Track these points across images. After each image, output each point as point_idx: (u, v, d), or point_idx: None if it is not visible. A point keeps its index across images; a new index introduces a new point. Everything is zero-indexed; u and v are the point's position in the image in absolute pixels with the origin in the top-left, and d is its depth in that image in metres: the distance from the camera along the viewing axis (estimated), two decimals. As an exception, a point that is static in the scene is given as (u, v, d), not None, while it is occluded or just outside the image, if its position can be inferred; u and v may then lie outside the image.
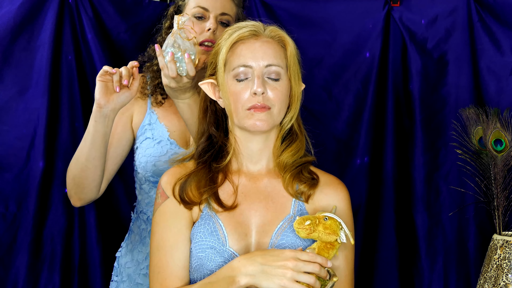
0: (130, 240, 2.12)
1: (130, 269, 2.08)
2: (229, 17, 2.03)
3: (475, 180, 1.96)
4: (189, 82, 1.81)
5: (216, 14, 2.00)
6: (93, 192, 1.94)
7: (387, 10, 2.23)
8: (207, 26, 1.99)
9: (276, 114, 1.59)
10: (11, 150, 2.20)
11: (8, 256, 2.20)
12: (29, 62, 2.21)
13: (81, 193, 1.94)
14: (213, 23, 1.99)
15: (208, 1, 2.01)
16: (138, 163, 2.04)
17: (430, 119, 2.21)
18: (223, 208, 1.58)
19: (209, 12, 2.00)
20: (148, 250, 2.04)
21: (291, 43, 1.62)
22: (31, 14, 2.21)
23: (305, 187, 1.62)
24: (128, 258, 2.10)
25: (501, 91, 2.15)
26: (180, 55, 1.77)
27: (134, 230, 2.11)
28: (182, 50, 1.77)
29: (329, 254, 1.50)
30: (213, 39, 1.99)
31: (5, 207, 2.20)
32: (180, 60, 1.77)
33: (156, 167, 2.00)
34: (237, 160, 1.65)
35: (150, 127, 2.05)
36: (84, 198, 1.95)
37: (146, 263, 2.04)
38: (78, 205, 1.98)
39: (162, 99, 2.07)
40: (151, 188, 2.05)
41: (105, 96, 1.81)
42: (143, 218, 2.08)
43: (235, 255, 1.54)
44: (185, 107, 1.88)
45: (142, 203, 2.08)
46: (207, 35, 1.99)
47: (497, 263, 1.76)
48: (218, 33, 2.00)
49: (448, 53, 2.20)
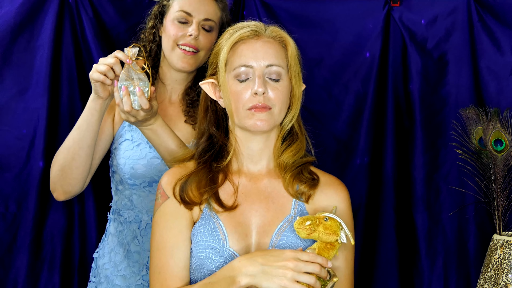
0: (107, 241, 2.11)
1: (108, 270, 2.07)
2: (213, 22, 2.03)
3: (475, 180, 1.96)
4: (147, 114, 1.78)
5: (199, 19, 2.00)
6: (80, 184, 1.94)
7: (387, 10, 2.23)
8: (189, 32, 1.98)
9: (277, 114, 1.59)
10: (11, 150, 2.20)
11: (8, 256, 2.20)
12: (29, 62, 2.22)
13: (68, 185, 1.93)
14: (195, 29, 1.98)
15: (192, 5, 2.00)
16: (115, 164, 2.03)
17: (430, 119, 2.21)
18: (223, 208, 1.58)
19: (192, 17, 1.99)
20: (125, 252, 2.04)
21: (292, 43, 1.63)
22: (31, 14, 2.21)
23: (305, 187, 1.62)
24: (105, 259, 2.08)
25: (501, 91, 2.15)
26: (133, 88, 1.75)
27: (111, 231, 2.10)
28: (136, 83, 1.76)
29: (329, 255, 1.50)
30: (194, 44, 1.99)
31: (5, 207, 2.20)
32: (135, 93, 1.75)
33: (134, 170, 1.99)
34: (237, 160, 1.65)
35: (129, 129, 2.03)
36: (70, 191, 1.95)
37: (123, 264, 2.04)
38: (62, 198, 1.97)
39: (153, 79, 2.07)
40: (127, 190, 2.03)
41: (105, 91, 1.81)
42: (120, 220, 2.06)
43: (235, 255, 1.54)
44: (150, 133, 1.85)
45: (119, 204, 2.07)
46: (188, 40, 1.98)
47: (497, 263, 1.76)
48: (201, 39, 2.00)
49: (448, 53, 2.20)
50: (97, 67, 1.78)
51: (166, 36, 2.03)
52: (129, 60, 1.76)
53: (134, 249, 2.03)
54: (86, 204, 2.28)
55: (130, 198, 2.03)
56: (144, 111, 1.77)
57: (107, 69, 1.77)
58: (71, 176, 1.92)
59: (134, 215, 2.03)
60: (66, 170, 1.91)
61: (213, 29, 2.03)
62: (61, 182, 1.93)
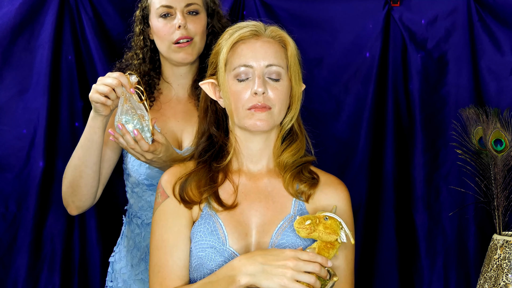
0: (123, 244, 2.10)
1: (125, 274, 2.07)
2: (196, 5, 2.00)
3: (475, 180, 1.96)
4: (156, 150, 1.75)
5: (181, 8, 1.97)
6: (91, 198, 1.93)
7: (387, 10, 2.23)
8: (176, 24, 1.96)
9: (277, 114, 1.59)
10: (11, 150, 2.20)
11: (8, 256, 2.20)
12: (29, 62, 2.22)
13: (79, 200, 1.92)
14: (180, 18, 1.96)
15: None
16: (130, 167, 2.01)
17: (430, 119, 2.21)
18: (223, 207, 1.58)
19: (174, 9, 1.97)
20: (142, 255, 2.04)
21: (292, 43, 1.63)
22: (31, 14, 2.21)
23: (305, 186, 1.62)
24: (122, 263, 2.08)
25: (501, 91, 2.15)
26: (137, 121, 1.70)
27: (128, 235, 2.09)
28: (140, 115, 1.70)
29: (329, 254, 1.50)
30: (186, 35, 1.96)
31: (5, 207, 2.20)
32: (143, 129, 1.71)
33: (151, 170, 1.97)
34: (237, 159, 1.65)
35: None
36: (82, 206, 1.94)
37: (140, 268, 2.03)
38: (75, 213, 1.96)
39: (151, 102, 2.05)
40: (145, 191, 2.02)
41: (106, 109, 1.76)
42: (137, 222, 2.06)
43: (235, 254, 1.54)
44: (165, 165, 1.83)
45: (135, 207, 2.06)
46: (179, 33, 1.96)
47: (497, 263, 1.76)
48: (191, 26, 1.97)
49: (448, 53, 2.20)
50: (97, 88, 1.72)
51: (157, 37, 2.01)
52: (133, 89, 1.71)
53: None
54: (86, 204, 2.28)
55: (147, 199, 2.03)
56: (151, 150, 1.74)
57: (109, 90, 1.71)
58: (81, 193, 1.90)
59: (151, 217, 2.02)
60: (75, 187, 1.89)
61: (199, 12, 2.00)
62: (72, 198, 1.92)
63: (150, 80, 2.06)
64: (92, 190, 1.90)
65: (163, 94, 2.08)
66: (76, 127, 2.27)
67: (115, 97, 1.72)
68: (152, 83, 2.06)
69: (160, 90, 2.09)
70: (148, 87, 2.05)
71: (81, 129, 2.23)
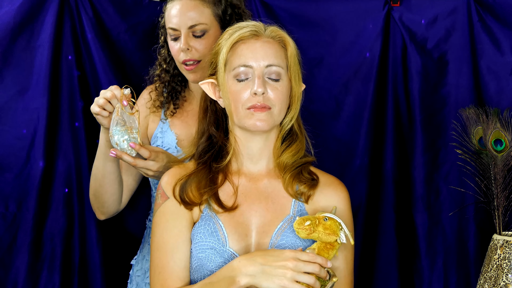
0: (143, 248, 2.15)
1: (139, 277, 2.10)
2: (202, 25, 1.94)
3: (475, 180, 1.96)
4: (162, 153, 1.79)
5: (185, 31, 1.94)
6: (114, 205, 1.99)
7: (387, 10, 2.23)
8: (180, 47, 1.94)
9: (276, 114, 1.59)
10: (11, 150, 2.20)
11: (8, 256, 2.20)
12: (29, 62, 2.21)
13: (102, 207, 1.99)
14: (183, 42, 1.93)
15: (174, 18, 1.94)
16: None
17: (430, 119, 2.21)
18: (223, 209, 1.58)
19: (179, 31, 1.95)
20: None
21: (292, 43, 1.63)
22: (31, 14, 2.20)
23: (305, 187, 1.62)
24: (139, 266, 2.12)
25: (501, 91, 2.15)
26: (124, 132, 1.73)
27: (147, 239, 2.13)
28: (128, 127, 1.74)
29: (329, 255, 1.50)
30: (191, 57, 1.94)
31: (5, 207, 2.20)
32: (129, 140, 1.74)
33: None
34: (237, 160, 1.65)
35: (161, 135, 2.05)
36: (107, 212, 2.01)
37: None
38: (102, 218, 2.04)
39: (174, 109, 2.07)
40: None
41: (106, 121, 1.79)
42: None
43: (235, 255, 1.54)
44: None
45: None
46: (183, 55, 1.94)
47: (497, 263, 1.76)
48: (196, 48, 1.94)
49: (448, 53, 2.20)
50: (96, 101, 1.77)
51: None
52: (126, 101, 1.74)
53: None
54: (86, 204, 2.28)
55: None
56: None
57: (104, 102, 1.76)
58: (103, 200, 1.96)
59: None
60: (97, 195, 1.96)
61: (207, 30, 1.95)
62: (96, 204, 2.00)
63: (173, 89, 2.08)
64: (114, 197, 1.96)
65: (187, 101, 2.10)
66: (76, 127, 2.26)
67: (111, 109, 1.77)
68: (175, 91, 2.08)
69: (185, 98, 2.11)
70: (172, 95, 2.08)
71: (81, 129, 2.24)
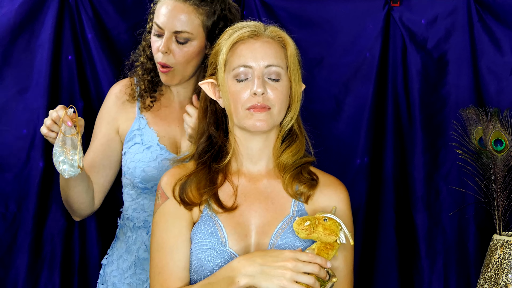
0: (116, 247, 2.10)
1: (116, 278, 2.05)
2: (187, 34, 1.89)
3: (475, 180, 1.96)
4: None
5: (169, 33, 1.89)
6: (87, 209, 1.99)
7: (387, 10, 2.22)
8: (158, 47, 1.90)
9: (276, 114, 1.59)
10: (11, 150, 2.20)
11: (8, 256, 2.20)
12: (29, 62, 2.22)
13: (74, 213, 2.00)
14: (163, 45, 1.88)
15: (163, 17, 1.89)
16: (126, 169, 2.01)
17: (430, 119, 2.21)
18: (223, 209, 1.58)
19: (163, 30, 1.89)
20: (133, 259, 2.03)
21: (292, 43, 1.62)
22: (31, 14, 2.21)
23: (304, 187, 1.62)
24: (114, 266, 2.07)
25: (501, 91, 2.15)
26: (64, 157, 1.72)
27: (120, 238, 2.09)
28: (66, 148, 1.72)
29: (329, 255, 1.50)
30: (165, 62, 1.90)
31: (5, 207, 2.20)
32: (65, 162, 1.72)
33: (145, 173, 1.97)
34: (236, 160, 1.65)
35: (139, 132, 2.01)
36: (80, 215, 2.02)
37: (130, 272, 2.03)
38: (78, 219, 2.07)
39: (150, 102, 2.04)
40: (139, 195, 2.02)
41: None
42: (129, 226, 2.05)
43: (234, 255, 1.54)
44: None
45: (129, 210, 2.05)
46: (160, 56, 1.90)
47: (497, 263, 1.76)
48: (174, 54, 1.90)
49: (448, 53, 2.20)
50: (45, 122, 1.75)
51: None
52: (70, 122, 1.71)
53: (142, 256, 2.02)
54: (86, 204, 2.28)
55: (141, 202, 2.02)
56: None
57: (50, 124, 1.73)
58: (74, 208, 1.98)
59: (143, 220, 2.02)
60: (67, 204, 1.98)
61: (190, 39, 1.89)
62: (69, 210, 2.01)
63: (152, 79, 2.04)
64: (84, 204, 1.96)
65: (164, 96, 2.07)
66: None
67: (57, 130, 1.74)
68: (154, 82, 2.04)
69: (162, 92, 2.07)
70: (150, 85, 2.04)
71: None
